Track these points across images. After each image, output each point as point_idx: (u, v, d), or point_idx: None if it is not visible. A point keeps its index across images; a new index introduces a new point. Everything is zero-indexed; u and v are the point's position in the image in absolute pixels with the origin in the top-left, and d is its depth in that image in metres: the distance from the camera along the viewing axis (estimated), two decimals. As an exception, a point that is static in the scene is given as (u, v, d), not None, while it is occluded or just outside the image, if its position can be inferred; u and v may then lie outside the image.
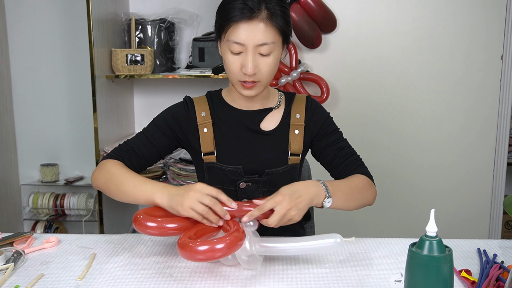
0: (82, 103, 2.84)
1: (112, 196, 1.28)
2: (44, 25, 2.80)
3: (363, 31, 2.38)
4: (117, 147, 1.37)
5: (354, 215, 2.50)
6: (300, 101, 1.41)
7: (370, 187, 1.36)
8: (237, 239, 1.05)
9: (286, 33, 1.28)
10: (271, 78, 1.31)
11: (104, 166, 1.31)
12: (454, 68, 2.38)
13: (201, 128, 1.36)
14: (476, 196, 2.46)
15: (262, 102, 1.39)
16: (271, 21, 1.22)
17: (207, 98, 1.41)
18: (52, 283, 1.06)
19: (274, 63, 1.27)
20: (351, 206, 1.30)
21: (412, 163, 2.46)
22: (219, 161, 1.35)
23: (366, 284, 1.06)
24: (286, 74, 2.35)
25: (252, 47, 1.23)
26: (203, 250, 1.02)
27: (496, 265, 1.11)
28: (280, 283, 1.06)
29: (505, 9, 2.32)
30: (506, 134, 2.41)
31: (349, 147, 1.42)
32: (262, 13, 1.21)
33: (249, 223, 1.14)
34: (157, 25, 2.56)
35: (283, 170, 1.37)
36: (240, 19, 1.21)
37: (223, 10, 1.26)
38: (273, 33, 1.24)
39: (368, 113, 2.44)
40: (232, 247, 1.03)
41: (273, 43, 1.24)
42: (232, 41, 1.23)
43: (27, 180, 2.92)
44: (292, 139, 1.37)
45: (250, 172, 1.35)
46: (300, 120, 1.38)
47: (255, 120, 1.38)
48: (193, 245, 1.02)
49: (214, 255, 1.03)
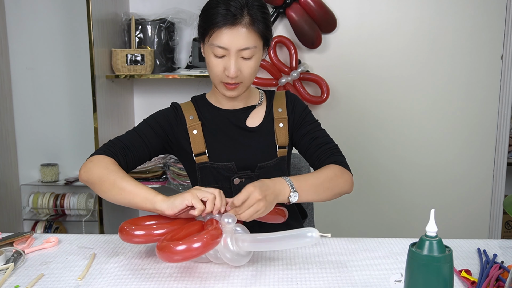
0: (82, 103, 2.84)
1: (104, 192, 1.23)
2: (44, 25, 2.80)
3: (363, 31, 2.38)
4: (108, 143, 1.35)
5: (354, 215, 2.51)
6: (280, 97, 1.47)
7: (343, 175, 1.33)
8: (214, 237, 1.06)
9: (267, 37, 1.34)
10: (253, 79, 1.37)
11: (100, 161, 1.28)
12: (454, 68, 2.38)
13: (191, 130, 1.40)
14: (476, 196, 2.46)
15: (245, 101, 1.44)
16: (253, 27, 1.28)
17: (192, 102, 1.46)
18: (52, 283, 1.06)
19: (256, 65, 1.33)
20: (324, 197, 1.29)
21: (412, 162, 2.46)
22: (212, 160, 1.39)
23: (366, 284, 1.06)
24: (286, 74, 2.35)
25: (235, 51, 1.28)
26: (181, 250, 1.01)
27: (496, 265, 1.11)
28: (280, 283, 1.06)
29: (505, 9, 2.32)
30: (506, 134, 2.41)
31: (324, 137, 1.43)
32: (244, 18, 1.27)
33: (227, 220, 1.13)
34: (157, 25, 2.56)
35: (274, 163, 1.41)
36: (223, 24, 1.26)
37: (206, 15, 1.30)
38: (255, 38, 1.29)
39: (368, 113, 2.44)
40: (208, 245, 1.04)
41: (255, 47, 1.30)
42: (215, 45, 1.28)
43: (27, 180, 2.93)
44: (278, 132, 1.42)
45: (243, 168, 1.39)
46: (283, 113, 1.44)
47: (240, 118, 1.43)
48: (172, 245, 1.02)
49: (192, 254, 1.03)
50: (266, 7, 1.34)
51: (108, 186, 1.22)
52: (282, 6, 2.31)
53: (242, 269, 1.12)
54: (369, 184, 2.48)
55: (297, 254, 1.21)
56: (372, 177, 2.48)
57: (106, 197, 1.24)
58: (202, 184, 1.40)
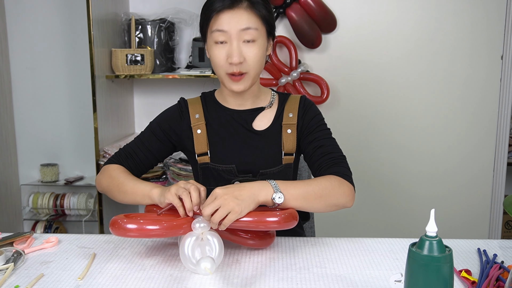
0: (82, 103, 2.84)
1: (115, 197, 1.34)
2: (44, 25, 2.80)
3: (363, 31, 2.38)
4: (117, 152, 1.43)
5: (354, 215, 2.51)
6: (294, 101, 1.41)
7: (340, 186, 1.23)
8: (171, 227, 1.10)
9: (270, 23, 1.31)
10: (258, 70, 1.32)
11: (106, 170, 1.38)
12: (454, 67, 2.38)
13: (195, 130, 1.39)
14: (476, 196, 2.46)
15: (253, 101, 1.40)
16: (252, 9, 1.27)
17: (201, 99, 1.44)
18: (52, 283, 1.06)
19: (260, 53, 1.29)
20: (316, 206, 1.20)
21: (412, 162, 2.46)
22: (213, 161, 1.37)
23: (366, 284, 1.06)
24: (286, 74, 2.35)
25: (236, 33, 1.25)
26: (133, 228, 1.09)
27: (496, 265, 1.11)
28: (280, 283, 1.05)
29: (505, 9, 2.32)
30: (506, 134, 2.41)
31: (331, 146, 1.34)
32: (243, 3, 1.26)
33: (199, 225, 1.10)
34: (157, 25, 2.56)
35: (278, 170, 1.37)
36: (222, 8, 1.26)
37: (205, 5, 1.31)
38: (256, 20, 1.27)
39: (368, 112, 2.44)
40: (166, 231, 1.10)
41: (256, 29, 1.27)
42: (215, 30, 1.27)
43: (27, 180, 2.92)
44: (285, 138, 1.37)
45: (244, 171, 1.36)
46: (293, 119, 1.38)
47: (246, 120, 1.39)
48: (121, 221, 1.10)
49: (147, 233, 1.10)
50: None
51: (115, 192, 1.33)
52: (282, 6, 2.31)
53: (242, 269, 1.12)
54: (369, 184, 2.48)
55: (297, 254, 1.21)
56: (372, 177, 2.48)
57: (119, 201, 1.33)
58: (203, 183, 1.39)
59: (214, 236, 1.10)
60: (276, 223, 1.11)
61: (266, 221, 1.11)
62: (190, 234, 1.10)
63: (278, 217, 1.11)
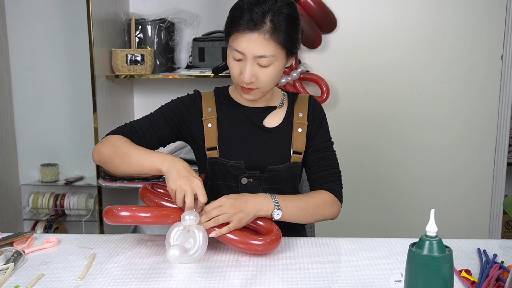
0: (82, 103, 2.84)
1: (116, 168, 1.29)
2: (44, 25, 2.80)
3: (363, 31, 2.38)
4: (121, 126, 1.40)
5: (354, 215, 2.51)
6: (303, 101, 1.44)
7: (332, 206, 1.35)
8: (161, 215, 1.17)
9: (290, 47, 1.29)
10: (271, 86, 1.33)
11: (108, 140, 1.34)
12: (454, 67, 2.38)
13: (206, 124, 1.39)
14: (476, 196, 2.46)
15: (266, 101, 1.42)
16: (273, 36, 1.23)
17: (214, 94, 1.45)
18: (52, 283, 1.06)
19: (274, 73, 1.29)
20: (304, 221, 1.31)
21: (412, 162, 2.46)
22: (222, 156, 1.37)
23: (366, 284, 1.06)
24: (286, 74, 2.35)
25: (251, 58, 1.25)
26: (127, 215, 1.14)
27: (496, 265, 1.11)
28: (280, 283, 1.06)
29: (505, 9, 2.32)
30: (506, 134, 2.41)
31: (332, 160, 1.42)
32: (265, 26, 1.23)
33: (188, 217, 1.14)
34: (157, 25, 2.56)
35: (285, 168, 1.39)
36: (243, 29, 1.24)
37: (231, 15, 1.28)
38: (274, 47, 1.25)
39: (368, 112, 2.44)
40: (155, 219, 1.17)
41: (273, 56, 1.26)
42: (233, 48, 1.27)
43: (27, 180, 2.93)
44: (295, 137, 1.40)
45: (252, 168, 1.37)
46: (303, 118, 1.41)
47: (258, 117, 1.40)
48: (115, 210, 1.15)
49: (140, 220, 1.16)
50: (295, 16, 1.28)
51: (118, 162, 1.28)
52: (282, 6, 2.31)
53: (242, 269, 1.12)
54: (369, 184, 2.48)
55: (297, 254, 1.21)
56: (372, 177, 2.48)
57: (119, 172, 1.30)
58: (210, 178, 1.40)
59: (200, 230, 1.15)
60: (261, 246, 1.17)
61: (250, 244, 1.17)
62: (178, 224, 1.16)
63: (263, 241, 1.17)
